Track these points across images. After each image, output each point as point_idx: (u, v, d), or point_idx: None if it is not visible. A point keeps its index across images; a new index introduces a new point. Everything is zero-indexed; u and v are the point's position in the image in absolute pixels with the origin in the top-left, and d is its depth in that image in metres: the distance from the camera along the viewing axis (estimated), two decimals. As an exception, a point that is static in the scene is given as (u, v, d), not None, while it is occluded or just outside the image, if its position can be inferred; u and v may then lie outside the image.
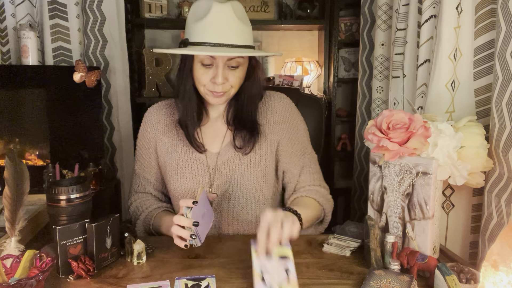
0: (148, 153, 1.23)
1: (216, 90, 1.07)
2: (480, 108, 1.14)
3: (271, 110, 1.20)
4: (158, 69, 2.42)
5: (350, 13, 2.59)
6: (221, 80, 1.05)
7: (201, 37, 1.04)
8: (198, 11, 1.06)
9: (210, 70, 1.06)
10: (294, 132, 1.20)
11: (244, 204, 1.16)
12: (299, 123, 1.22)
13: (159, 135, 1.21)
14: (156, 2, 2.42)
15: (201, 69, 1.07)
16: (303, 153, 1.21)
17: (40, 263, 0.80)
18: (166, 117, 1.22)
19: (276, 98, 1.22)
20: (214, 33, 1.03)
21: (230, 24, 1.03)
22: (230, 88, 1.09)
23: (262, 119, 1.18)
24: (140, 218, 1.18)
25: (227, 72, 1.07)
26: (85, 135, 1.93)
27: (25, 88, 1.85)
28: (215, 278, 0.86)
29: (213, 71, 1.06)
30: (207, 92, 1.09)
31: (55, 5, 1.99)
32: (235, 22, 1.04)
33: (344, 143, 2.69)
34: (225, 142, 1.18)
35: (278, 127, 1.19)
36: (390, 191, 0.95)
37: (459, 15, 1.14)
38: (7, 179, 0.89)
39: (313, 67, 2.47)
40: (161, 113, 1.23)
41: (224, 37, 1.03)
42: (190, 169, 1.16)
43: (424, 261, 0.85)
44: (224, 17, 1.03)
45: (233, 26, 1.04)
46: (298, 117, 1.23)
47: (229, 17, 1.03)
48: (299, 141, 1.21)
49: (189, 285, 0.83)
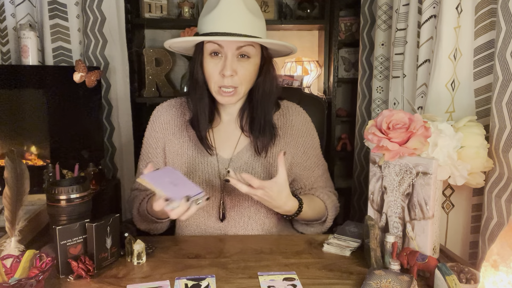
0: (156, 153, 1.20)
1: (226, 84, 1.05)
2: (480, 108, 1.14)
3: (289, 123, 1.19)
4: (158, 69, 2.42)
5: (350, 13, 2.59)
6: (230, 72, 1.03)
7: (210, 27, 1.04)
8: (208, 6, 1.07)
9: (219, 62, 1.05)
10: (310, 146, 1.21)
11: (253, 213, 1.15)
12: (315, 138, 1.23)
13: (169, 135, 1.19)
14: (156, 2, 2.42)
15: (211, 60, 1.06)
16: (317, 165, 1.23)
17: (40, 263, 0.80)
18: (177, 117, 1.20)
19: (294, 111, 1.22)
20: (223, 22, 1.02)
21: (239, 13, 1.03)
22: (239, 83, 1.07)
23: (279, 131, 1.17)
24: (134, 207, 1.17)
25: (236, 64, 1.05)
26: (85, 135, 1.93)
27: (25, 88, 1.85)
28: (215, 278, 0.86)
29: (222, 63, 1.05)
30: (217, 90, 1.07)
31: (55, 5, 1.99)
32: (245, 12, 1.03)
33: (344, 143, 2.69)
34: (238, 149, 1.16)
35: (295, 141, 1.19)
36: (390, 191, 0.95)
37: (459, 15, 1.14)
38: (7, 179, 0.89)
39: (313, 67, 2.47)
40: (171, 113, 1.20)
41: (232, 25, 1.02)
42: (200, 173, 1.14)
43: (424, 261, 0.85)
44: (234, 7, 1.03)
45: (243, 16, 1.03)
46: (314, 132, 1.24)
47: (239, 7, 1.03)
48: (313, 154, 1.22)
49: (189, 285, 0.83)
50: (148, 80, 2.41)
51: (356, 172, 2.21)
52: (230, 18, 1.03)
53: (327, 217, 1.18)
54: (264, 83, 1.12)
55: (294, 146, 1.19)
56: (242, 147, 1.16)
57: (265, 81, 1.12)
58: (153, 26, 2.52)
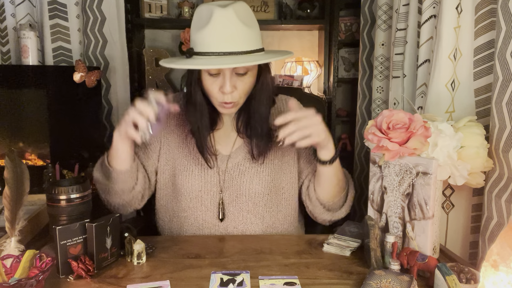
0: (152, 142, 1.19)
1: (226, 100, 1.05)
2: (480, 108, 1.14)
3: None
4: (158, 69, 2.42)
5: (350, 13, 2.59)
6: (229, 89, 1.02)
7: (205, 46, 1.00)
8: (200, 18, 1.02)
9: (217, 79, 1.04)
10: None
11: (252, 207, 1.15)
12: None
13: (171, 126, 1.19)
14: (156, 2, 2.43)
15: (209, 79, 1.05)
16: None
17: (40, 263, 0.80)
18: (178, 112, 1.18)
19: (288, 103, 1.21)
20: (218, 42, 0.99)
21: (233, 30, 0.98)
22: (239, 97, 1.07)
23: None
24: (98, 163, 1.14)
25: (235, 80, 1.04)
26: (85, 135, 1.93)
27: (25, 88, 1.84)
28: (249, 274, 0.88)
29: (221, 80, 1.03)
30: (218, 103, 1.08)
31: (55, 5, 1.99)
32: (239, 27, 0.98)
33: (344, 143, 2.69)
34: (236, 146, 1.17)
35: None
36: (390, 191, 0.95)
37: (459, 15, 1.14)
38: (7, 179, 0.89)
39: (313, 67, 2.47)
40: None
41: (228, 45, 0.98)
42: (200, 167, 1.15)
43: (424, 261, 0.85)
44: (227, 23, 0.98)
45: (237, 32, 0.99)
46: None
47: (232, 23, 0.98)
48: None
49: (225, 279, 0.85)
50: (148, 80, 2.41)
51: (356, 172, 2.21)
52: (225, 37, 0.98)
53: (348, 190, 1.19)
54: (261, 91, 1.11)
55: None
56: (239, 145, 1.18)
57: (262, 89, 1.11)
58: (153, 26, 2.52)
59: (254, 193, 1.14)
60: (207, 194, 1.15)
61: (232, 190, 1.15)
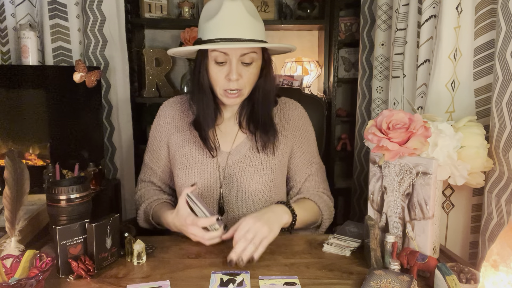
0: (159, 146, 1.25)
1: (231, 87, 1.08)
2: (480, 108, 1.14)
3: (286, 117, 1.22)
4: (158, 69, 2.41)
5: (350, 13, 2.59)
6: (235, 76, 1.06)
7: (214, 33, 1.05)
8: (209, 10, 1.08)
9: (224, 68, 1.08)
10: (305, 141, 1.23)
11: (251, 205, 1.16)
12: (310, 133, 1.25)
13: (172, 129, 1.23)
14: (156, 2, 2.42)
15: (216, 67, 1.08)
16: (310, 163, 1.23)
17: (40, 263, 0.80)
18: (181, 112, 1.24)
19: (291, 106, 1.24)
20: (226, 28, 1.04)
21: (241, 19, 1.05)
22: (244, 86, 1.10)
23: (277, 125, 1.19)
24: (141, 208, 1.21)
25: (241, 69, 1.08)
26: (85, 135, 1.93)
27: (25, 88, 1.85)
28: (249, 274, 0.88)
29: (227, 68, 1.08)
30: (222, 92, 1.10)
31: (55, 5, 1.99)
32: (247, 17, 1.05)
33: (344, 143, 2.69)
34: (236, 143, 1.19)
35: (291, 134, 1.21)
36: (390, 191, 0.95)
37: (459, 15, 1.14)
38: (7, 179, 0.89)
39: (313, 67, 2.47)
40: (175, 108, 1.25)
41: (236, 31, 1.04)
42: (199, 165, 1.17)
43: (424, 261, 0.85)
44: (235, 13, 1.05)
45: (245, 21, 1.05)
46: (310, 127, 1.26)
47: (240, 13, 1.05)
48: (308, 150, 1.23)
49: (225, 279, 0.86)
50: (148, 80, 2.40)
51: (356, 172, 2.21)
52: (233, 24, 1.05)
53: (322, 220, 1.19)
54: (265, 83, 1.15)
55: (291, 139, 1.21)
56: (240, 141, 1.19)
57: (266, 82, 1.15)
58: (153, 26, 2.52)
59: (254, 191, 1.15)
60: (207, 190, 1.16)
61: (232, 186, 1.16)
